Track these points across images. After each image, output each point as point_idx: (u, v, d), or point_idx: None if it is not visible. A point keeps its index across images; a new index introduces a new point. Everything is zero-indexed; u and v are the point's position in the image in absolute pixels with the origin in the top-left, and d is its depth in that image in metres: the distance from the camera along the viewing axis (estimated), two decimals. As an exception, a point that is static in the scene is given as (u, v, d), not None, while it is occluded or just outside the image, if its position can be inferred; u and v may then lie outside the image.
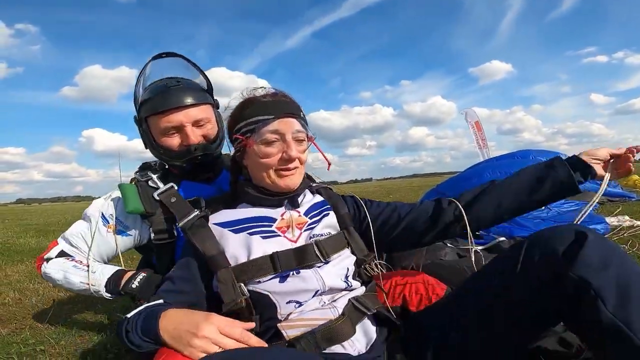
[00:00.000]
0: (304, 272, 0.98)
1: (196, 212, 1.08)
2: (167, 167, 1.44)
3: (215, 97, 1.42)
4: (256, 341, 0.83)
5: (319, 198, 1.19)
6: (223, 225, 1.05)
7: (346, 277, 1.04)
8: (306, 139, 1.06)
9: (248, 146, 1.03)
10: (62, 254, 1.38)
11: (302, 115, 1.07)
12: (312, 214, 1.11)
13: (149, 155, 1.41)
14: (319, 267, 1.01)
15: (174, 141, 1.29)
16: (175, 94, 1.26)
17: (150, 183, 1.33)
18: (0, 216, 17.57)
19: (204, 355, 0.74)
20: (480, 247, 2.83)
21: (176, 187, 1.32)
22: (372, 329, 0.99)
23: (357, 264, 1.11)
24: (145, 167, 1.43)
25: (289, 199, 1.09)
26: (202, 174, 1.41)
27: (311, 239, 1.04)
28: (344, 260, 1.07)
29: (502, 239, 2.94)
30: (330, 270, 1.01)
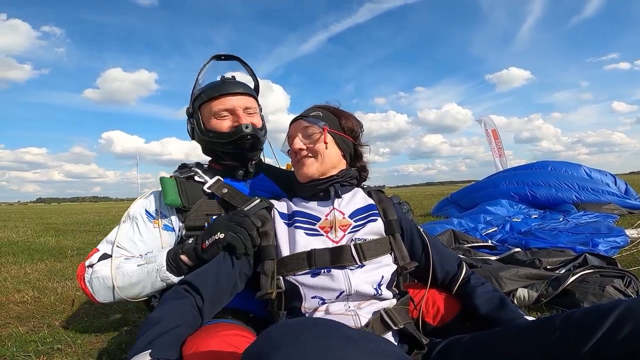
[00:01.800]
0: (334, 272, 1.01)
1: (258, 200, 1.22)
2: (205, 165, 1.47)
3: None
4: None
5: (369, 201, 1.21)
6: (282, 215, 1.16)
7: (379, 284, 1.04)
8: (318, 132, 1.17)
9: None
10: (104, 257, 1.26)
11: (312, 114, 1.20)
12: (357, 217, 1.15)
13: (166, 158, 1.48)
14: (351, 269, 1.03)
15: (225, 124, 1.36)
16: (229, 83, 1.39)
17: (196, 178, 1.37)
18: (20, 215, 18.03)
19: None
20: (494, 258, 2.80)
21: (222, 180, 1.38)
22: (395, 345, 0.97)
23: (397, 273, 1.12)
24: (184, 167, 1.46)
25: (330, 188, 1.16)
26: (241, 167, 1.43)
27: (352, 242, 1.07)
28: (382, 268, 1.07)
29: (518, 250, 2.90)
30: (361, 275, 1.03)
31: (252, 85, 1.51)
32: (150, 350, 0.78)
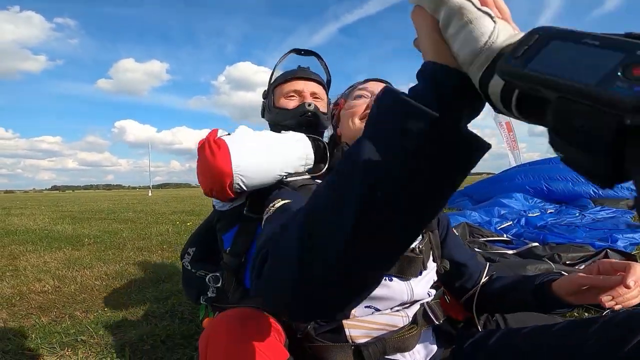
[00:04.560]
0: (395, 283, 0.89)
1: (307, 175, 1.10)
2: None
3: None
4: None
5: None
6: None
7: (430, 287, 0.97)
8: None
9: (340, 108, 1.08)
10: None
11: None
12: None
13: (177, 147, 1.48)
14: (414, 279, 0.91)
15: (291, 103, 1.40)
16: (303, 70, 1.48)
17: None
18: (37, 202, 18.35)
19: None
20: (511, 252, 2.78)
21: None
22: (433, 341, 0.94)
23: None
24: None
25: None
26: None
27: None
28: (432, 270, 0.98)
29: (535, 244, 2.87)
30: (422, 281, 0.93)
31: (325, 79, 1.59)
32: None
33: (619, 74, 0.23)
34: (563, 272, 0.98)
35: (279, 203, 0.81)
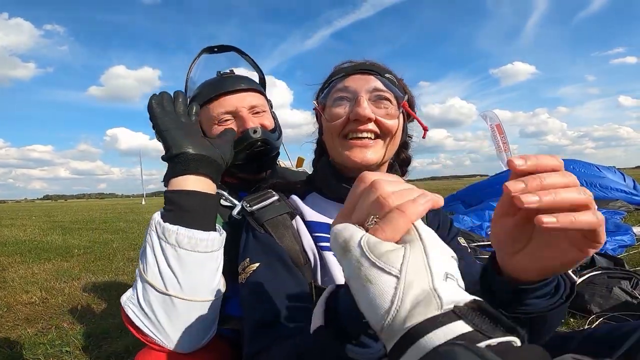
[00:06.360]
0: None
1: (275, 198, 0.88)
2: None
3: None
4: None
5: None
6: (309, 225, 0.82)
7: None
8: (393, 103, 0.79)
9: (320, 112, 0.85)
10: None
11: (386, 76, 0.82)
12: None
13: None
14: None
15: None
16: (228, 80, 1.11)
17: (222, 201, 1.01)
18: (27, 212, 18.14)
19: None
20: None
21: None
22: None
23: None
24: None
25: None
26: (258, 175, 1.17)
27: None
28: None
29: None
30: None
31: (256, 79, 1.24)
32: None
33: None
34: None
35: (249, 267, 0.75)
